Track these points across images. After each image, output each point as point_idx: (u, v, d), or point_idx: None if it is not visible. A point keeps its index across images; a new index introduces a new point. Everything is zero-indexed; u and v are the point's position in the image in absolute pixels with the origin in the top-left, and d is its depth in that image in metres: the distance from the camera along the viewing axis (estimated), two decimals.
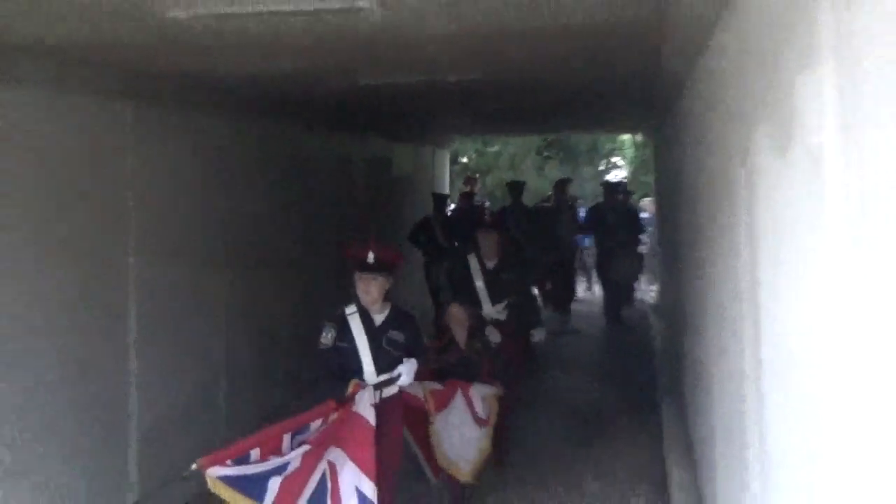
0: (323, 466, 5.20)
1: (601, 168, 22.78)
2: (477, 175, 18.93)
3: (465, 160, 21.72)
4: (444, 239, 13.12)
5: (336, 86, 8.01)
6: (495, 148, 22.25)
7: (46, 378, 5.80)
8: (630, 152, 22.05)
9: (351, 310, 5.76)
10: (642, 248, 14.78)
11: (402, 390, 5.87)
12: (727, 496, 4.52)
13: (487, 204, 16.57)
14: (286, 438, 5.07)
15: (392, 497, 5.80)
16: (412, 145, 15.84)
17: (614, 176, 21.64)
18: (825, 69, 2.22)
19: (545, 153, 22.22)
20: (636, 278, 15.34)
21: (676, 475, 6.99)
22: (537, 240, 13.27)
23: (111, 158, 6.60)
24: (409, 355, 5.71)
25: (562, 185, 15.67)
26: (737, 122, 3.82)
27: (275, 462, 4.93)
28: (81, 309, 6.22)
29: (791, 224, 2.70)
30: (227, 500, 4.71)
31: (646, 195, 18.58)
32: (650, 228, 15.79)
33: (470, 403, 6.53)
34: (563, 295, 14.68)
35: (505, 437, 7.46)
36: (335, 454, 5.26)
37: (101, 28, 4.79)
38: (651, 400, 9.39)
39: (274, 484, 4.89)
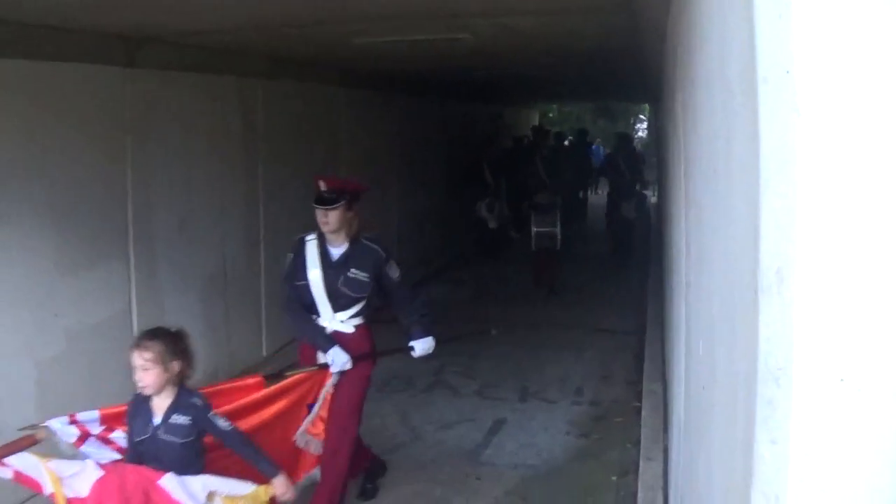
0: None
1: (632, 122, 22.14)
2: (539, 125, 16.51)
3: (551, 115, 21.37)
4: (489, 175, 10.13)
5: (460, 76, 8.15)
6: (568, 109, 22.00)
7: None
8: (648, 114, 21.42)
9: None
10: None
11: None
12: (673, 300, 4.79)
13: (567, 140, 13.53)
14: None
15: None
16: (511, 107, 15.72)
17: (638, 129, 21.04)
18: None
19: (597, 113, 21.86)
20: (638, 214, 10.45)
21: (650, 298, 7.25)
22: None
23: (330, 120, 6.86)
24: None
25: (583, 133, 14.39)
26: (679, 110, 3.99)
27: None
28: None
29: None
30: None
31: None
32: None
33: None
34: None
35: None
36: None
37: (324, 49, 5.16)
38: (647, 260, 9.35)
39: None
